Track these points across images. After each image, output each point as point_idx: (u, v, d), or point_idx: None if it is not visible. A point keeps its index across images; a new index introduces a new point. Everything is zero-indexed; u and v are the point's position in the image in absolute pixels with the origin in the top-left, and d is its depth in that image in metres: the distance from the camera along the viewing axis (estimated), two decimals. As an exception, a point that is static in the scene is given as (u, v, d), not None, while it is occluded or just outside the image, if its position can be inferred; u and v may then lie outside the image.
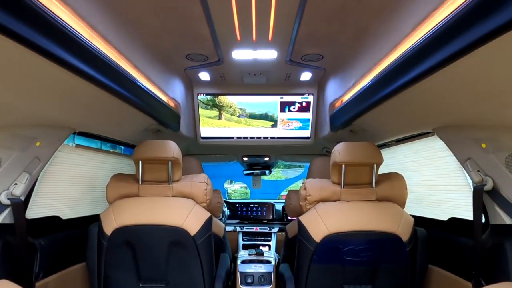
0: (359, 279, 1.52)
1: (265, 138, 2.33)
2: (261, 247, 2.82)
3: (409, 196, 1.65)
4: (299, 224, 1.60)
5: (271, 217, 3.30)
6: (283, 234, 2.77)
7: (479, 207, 1.29)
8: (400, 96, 1.15)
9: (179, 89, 1.96)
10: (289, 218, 3.15)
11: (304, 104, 2.22)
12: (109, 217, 1.54)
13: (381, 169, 1.68)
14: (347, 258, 1.49)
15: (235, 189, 6.14)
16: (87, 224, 1.65)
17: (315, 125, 2.27)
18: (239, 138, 2.33)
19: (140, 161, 1.64)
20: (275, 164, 3.55)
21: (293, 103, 2.22)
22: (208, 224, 1.60)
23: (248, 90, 2.16)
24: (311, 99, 2.19)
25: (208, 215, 1.63)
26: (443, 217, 1.67)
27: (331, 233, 1.48)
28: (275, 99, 2.21)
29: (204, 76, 1.97)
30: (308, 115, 2.25)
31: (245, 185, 5.99)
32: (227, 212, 3.32)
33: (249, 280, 2.08)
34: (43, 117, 1.21)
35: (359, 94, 1.45)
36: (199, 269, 1.54)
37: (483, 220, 1.35)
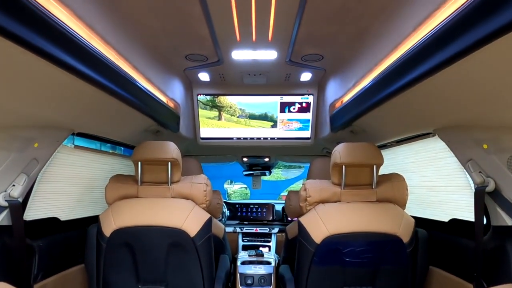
0: (360, 280, 1.51)
1: (265, 138, 2.32)
2: (261, 248, 2.82)
3: (409, 197, 1.64)
4: (299, 225, 1.59)
5: (271, 218, 3.30)
6: (283, 235, 2.76)
7: (480, 208, 1.28)
8: (401, 96, 1.14)
9: (179, 90, 1.96)
10: (289, 219, 3.14)
11: (304, 104, 2.21)
12: (108, 218, 1.53)
13: (382, 170, 1.67)
14: (348, 259, 1.48)
15: (235, 189, 6.14)
16: (86, 225, 1.64)
17: (315, 126, 2.27)
18: (239, 138, 2.32)
19: (139, 162, 1.63)
20: (275, 164, 3.54)
21: (293, 104, 2.21)
22: (207, 225, 1.60)
23: (248, 90, 2.15)
24: (311, 99, 2.18)
25: (207, 216, 1.63)
26: (444, 218, 1.66)
27: (332, 235, 1.48)
28: (275, 100, 2.21)
29: (203, 76, 1.96)
30: (308, 116, 2.24)
31: (245, 186, 5.98)
32: (227, 213, 3.31)
33: (249, 281, 2.07)
34: (41, 118, 1.20)
35: (359, 94, 1.44)
36: (199, 270, 1.54)
37: (485, 221, 1.34)
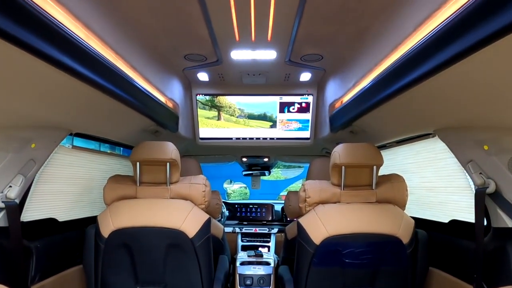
0: (359, 281, 1.50)
1: (264, 138, 2.32)
2: (260, 248, 2.81)
3: (409, 197, 1.63)
4: (299, 226, 1.59)
5: (270, 218, 3.29)
6: (283, 235, 2.75)
7: (481, 209, 1.28)
8: (401, 97, 1.13)
9: (178, 90, 1.95)
10: (289, 219, 3.14)
11: (303, 104, 2.20)
12: (106, 219, 1.52)
13: (381, 171, 1.67)
14: (347, 260, 1.48)
15: (235, 189, 6.14)
16: (84, 226, 1.63)
17: (314, 126, 2.26)
18: (238, 138, 2.32)
19: (137, 163, 1.62)
20: (275, 164, 3.53)
21: (293, 104, 2.21)
22: (206, 226, 1.59)
23: (247, 90, 2.14)
24: (310, 99, 2.17)
25: (206, 217, 1.62)
26: (444, 219, 1.65)
27: (331, 236, 1.47)
28: (274, 100, 2.20)
29: (202, 76, 1.95)
30: (307, 116, 2.23)
31: (245, 185, 5.98)
32: (226, 213, 3.30)
33: (248, 282, 2.07)
34: (38, 118, 1.19)
35: (359, 94, 1.43)
36: (198, 271, 1.53)
37: (485, 222, 1.34)
